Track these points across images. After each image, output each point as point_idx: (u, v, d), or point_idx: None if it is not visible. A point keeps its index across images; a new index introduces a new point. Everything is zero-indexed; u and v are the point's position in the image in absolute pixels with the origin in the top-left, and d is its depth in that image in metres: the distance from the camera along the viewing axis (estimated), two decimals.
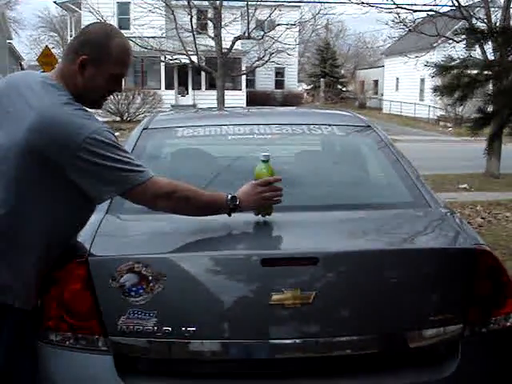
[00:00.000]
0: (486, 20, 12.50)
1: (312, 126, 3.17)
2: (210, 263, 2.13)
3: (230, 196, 2.26)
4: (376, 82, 42.89)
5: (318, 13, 26.91)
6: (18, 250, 2.04)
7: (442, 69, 4.16)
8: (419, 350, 2.17)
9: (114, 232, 2.39)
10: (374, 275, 2.15)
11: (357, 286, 2.13)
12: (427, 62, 4.29)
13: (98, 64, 2.10)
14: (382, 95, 40.46)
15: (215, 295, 2.07)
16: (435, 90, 4.47)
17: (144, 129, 3.11)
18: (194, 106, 28.69)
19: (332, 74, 41.25)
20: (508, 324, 2.27)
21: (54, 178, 2.03)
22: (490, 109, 4.22)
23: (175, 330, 2.03)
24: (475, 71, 4.16)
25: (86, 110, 2.11)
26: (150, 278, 2.03)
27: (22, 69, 37.74)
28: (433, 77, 4.38)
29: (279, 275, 2.07)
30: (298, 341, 2.08)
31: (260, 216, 2.37)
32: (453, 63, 4.19)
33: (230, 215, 2.28)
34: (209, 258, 2.15)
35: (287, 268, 2.08)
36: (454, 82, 4.14)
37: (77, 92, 2.10)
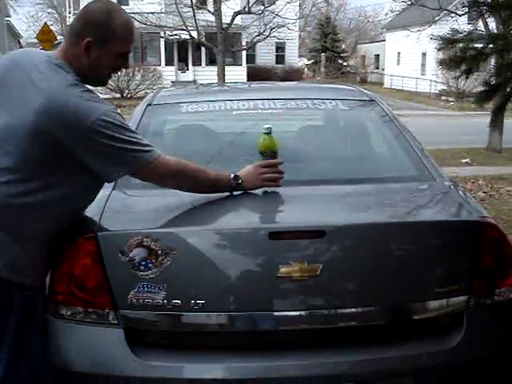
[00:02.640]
0: None
1: (316, 101, 3.17)
2: (218, 237, 2.15)
3: (233, 175, 2.32)
4: (377, 56, 42.62)
5: None
6: (27, 227, 2.06)
7: (447, 42, 4.14)
8: (424, 322, 2.20)
9: (122, 207, 2.41)
10: (380, 248, 2.17)
11: (363, 259, 2.15)
12: (432, 36, 4.27)
13: (103, 45, 2.09)
14: (384, 70, 40.24)
15: (223, 268, 2.10)
16: (441, 63, 4.46)
17: (148, 105, 3.11)
18: (194, 81, 28.54)
19: (333, 49, 40.94)
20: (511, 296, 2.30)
21: (63, 158, 2.05)
22: (494, 82, 4.21)
23: (184, 303, 2.06)
24: (480, 45, 4.15)
25: (93, 92, 2.11)
26: (159, 252, 2.06)
27: (21, 46, 37.49)
28: (439, 50, 4.36)
29: (286, 248, 2.09)
30: (304, 313, 2.11)
31: (267, 189, 2.38)
32: (458, 36, 4.17)
33: (232, 194, 2.33)
34: (217, 232, 2.17)
35: (294, 241, 2.10)
36: (460, 56, 4.12)
37: (82, 72, 2.11)
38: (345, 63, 42.35)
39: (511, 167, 10.97)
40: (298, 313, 2.11)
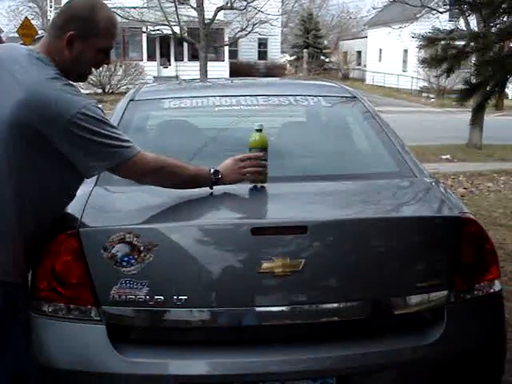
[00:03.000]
0: None
1: (298, 97, 3.18)
2: (200, 233, 2.15)
3: (212, 170, 2.30)
4: (359, 53, 42.80)
5: None
6: (6, 224, 2.04)
7: (428, 40, 4.18)
8: (406, 316, 2.23)
9: (103, 203, 2.40)
10: (362, 243, 2.19)
11: (344, 254, 2.17)
12: (414, 34, 4.31)
13: (86, 39, 2.08)
14: (366, 66, 40.41)
15: (206, 264, 2.10)
16: (422, 62, 4.50)
17: (130, 100, 3.10)
18: (176, 77, 28.42)
19: (315, 45, 41.02)
20: (492, 290, 2.33)
21: (43, 152, 2.04)
22: (474, 80, 4.25)
23: (167, 299, 2.06)
24: (462, 43, 4.19)
25: (74, 85, 2.11)
26: (141, 247, 2.05)
27: (1, 41, 37.09)
28: (420, 48, 4.40)
29: (269, 244, 2.10)
30: (287, 308, 2.12)
31: (250, 185, 2.39)
32: (440, 35, 4.21)
33: (211, 188, 2.32)
34: (199, 228, 2.17)
35: (277, 237, 2.11)
36: (441, 55, 4.17)
37: (64, 67, 2.10)
38: (327, 59, 42.44)
39: (491, 163, 11.11)
40: (280, 308, 2.12)
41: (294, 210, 2.30)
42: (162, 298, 2.06)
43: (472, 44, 3.93)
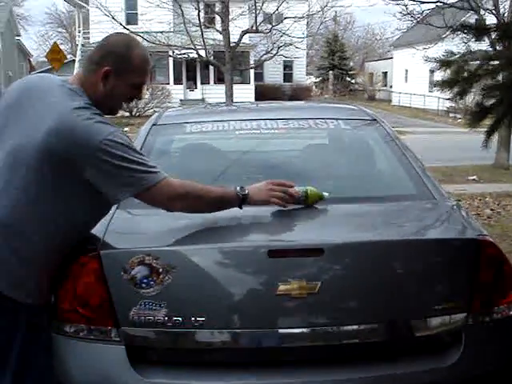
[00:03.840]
0: (493, 11, 12.43)
1: (318, 121, 3.22)
2: (218, 255, 2.19)
3: (238, 188, 2.32)
4: (385, 73, 42.78)
5: (326, 5, 26.79)
6: (32, 249, 2.10)
7: (442, 63, 4.20)
8: (423, 339, 2.22)
9: (125, 226, 2.45)
10: (379, 266, 2.20)
11: (361, 277, 2.18)
12: (427, 57, 4.34)
13: (121, 74, 2.17)
14: (391, 87, 40.35)
15: (223, 286, 2.13)
16: (435, 85, 4.52)
17: (153, 125, 3.17)
18: (202, 100, 28.73)
19: (341, 67, 41.15)
20: (511, 313, 2.32)
21: (69, 178, 2.10)
22: (486, 103, 4.25)
23: (185, 321, 2.09)
24: (474, 66, 4.20)
25: (102, 115, 2.17)
26: (160, 269, 2.10)
27: (31, 65, 37.88)
28: (432, 72, 4.43)
29: (286, 266, 2.12)
30: (304, 330, 2.14)
31: (269, 207, 2.42)
32: (453, 58, 4.23)
33: (241, 207, 2.33)
34: (217, 250, 2.20)
35: (293, 259, 2.14)
36: (452, 77, 4.18)
37: (97, 100, 2.18)
38: (353, 81, 42.52)
39: None
40: (297, 330, 2.14)
41: (310, 232, 2.32)
42: (180, 319, 2.09)
43: (484, 66, 3.94)
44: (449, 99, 4.83)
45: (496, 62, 3.83)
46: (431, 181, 2.79)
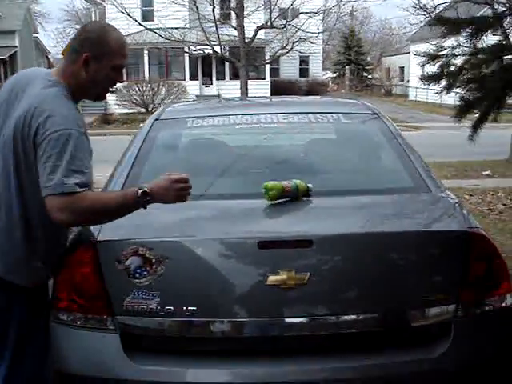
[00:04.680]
0: (508, 4, 12.29)
1: (318, 115, 3.25)
2: (209, 246, 2.24)
3: (140, 192, 2.15)
4: (402, 68, 42.44)
5: (341, 0, 26.63)
6: (26, 232, 2.19)
7: (430, 57, 4.20)
8: (412, 329, 2.26)
9: (121, 218, 2.51)
10: (367, 257, 2.23)
11: (350, 268, 2.22)
12: (416, 52, 4.34)
13: (100, 58, 2.24)
14: (408, 82, 40.06)
15: (214, 276, 2.19)
16: (421, 79, 4.52)
17: (156, 119, 3.23)
18: (218, 96, 28.75)
19: (357, 62, 40.96)
20: (502, 305, 2.34)
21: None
22: (471, 97, 4.25)
23: (177, 310, 2.15)
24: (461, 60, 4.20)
25: (77, 109, 2.24)
26: (154, 260, 2.16)
27: (49, 62, 38.16)
28: (422, 66, 4.42)
29: (275, 257, 2.17)
30: (293, 320, 2.19)
31: (261, 200, 2.46)
32: (442, 52, 4.22)
33: (145, 208, 2.17)
34: (208, 242, 2.26)
35: (283, 250, 2.18)
36: (438, 72, 4.18)
37: (81, 88, 2.26)
38: (369, 76, 42.29)
39: None
40: (286, 320, 2.19)
41: (300, 224, 2.36)
42: (172, 308, 2.16)
43: (472, 61, 3.94)
44: (436, 93, 4.81)
45: (482, 56, 3.83)
46: (428, 174, 2.80)
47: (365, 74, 41.60)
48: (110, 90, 2.37)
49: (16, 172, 2.17)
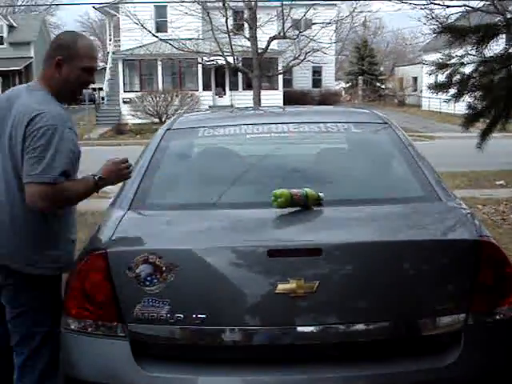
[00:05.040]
0: None
1: (329, 124, 3.26)
2: (219, 255, 2.26)
3: (97, 177, 2.54)
4: (415, 78, 42.40)
5: (354, 10, 26.72)
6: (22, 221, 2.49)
7: (438, 66, 4.20)
8: (421, 339, 2.25)
9: (133, 226, 2.54)
10: (377, 266, 2.23)
11: (359, 277, 2.22)
12: (425, 61, 4.37)
13: (70, 61, 2.55)
14: (421, 92, 39.98)
15: (224, 284, 2.20)
16: (429, 87, 4.52)
17: (168, 129, 3.26)
18: (231, 106, 28.87)
19: (370, 72, 40.96)
20: None
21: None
22: (480, 105, 4.23)
23: (187, 318, 2.16)
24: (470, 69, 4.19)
25: (63, 108, 2.57)
26: (164, 268, 2.17)
27: None
28: (430, 74, 4.42)
29: (285, 266, 2.18)
30: (303, 328, 2.19)
31: (271, 209, 2.47)
32: (450, 61, 4.22)
33: (97, 192, 2.59)
34: (218, 250, 2.27)
35: (292, 258, 2.19)
36: (446, 81, 4.17)
37: (56, 88, 2.57)
38: (382, 86, 42.26)
39: None
40: (296, 328, 2.19)
41: (310, 233, 2.37)
42: (182, 316, 2.17)
43: (480, 69, 3.93)
44: (445, 101, 4.80)
45: (489, 65, 3.82)
46: (439, 183, 2.80)
47: (378, 84, 41.57)
48: (84, 89, 2.72)
49: (14, 172, 2.47)
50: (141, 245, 2.30)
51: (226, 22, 20.69)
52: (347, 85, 43.10)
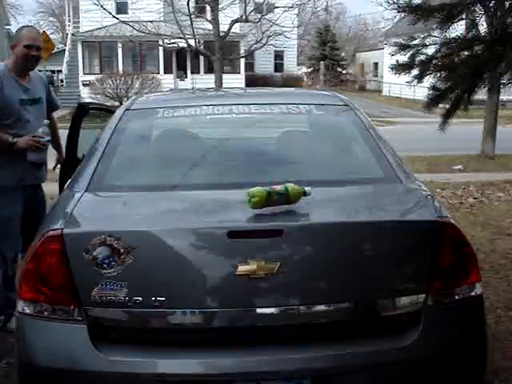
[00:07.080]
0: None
1: (291, 106, 3.23)
2: (178, 236, 2.22)
3: (10, 139, 3.70)
4: (376, 64, 42.73)
5: None
6: None
7: (401, 47, 4.21)
8: (381, 319, 2.26)
9: (90, 208, 2.48)
10: (337, 247, 2.23)
11: (320, 258, 2.21)
12: (386, 42, 4.39)
13: (17, 42, 3.77)
14: (382, 77, 40.33)
15: (183, 266, 2.16)
16: (392, 68, 4.53)
17: (127, 109, 3.19)
18: (192, 89, 28.62)
19: (332, 57, 41.08)
20: (472, 294, 2.35)
21: None
22: (442, 86, 4.26)
23: (145, 300, 2.12)
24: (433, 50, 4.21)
25: (13, 77, 3.80)
26: (121, 250, 2.12)
27: None
28: (392, 55, 4.43)
29: (245, 247, 2.16)
30: (263, 310, 2.18)
31: (230, 190, 2.44)
32: (413, 42, 4.23)
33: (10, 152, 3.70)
34: (177, 231, 2.23)
35: (253, 240, 2.17)
36: (408, 61, 4.19)
37: (16, 63, 3.79)
38: (344, 71, 42.47)
39: (503, 173, 11.02)
40: (256, 310, 2.18)
41: (271, 214, 2.34)
42: (140, 299, 2.13)
43: (442, 50, 3.95)
44: (407, 82, 4.82)
45: (452, 45, 3.84)
46: (399, 165, 2.80)
47: (339, 69, 41.75)
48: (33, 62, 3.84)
49: None
50: (98, 226, 2.25)
51: (188, 4, 20.34)
52: (309, 69, 43.14)
